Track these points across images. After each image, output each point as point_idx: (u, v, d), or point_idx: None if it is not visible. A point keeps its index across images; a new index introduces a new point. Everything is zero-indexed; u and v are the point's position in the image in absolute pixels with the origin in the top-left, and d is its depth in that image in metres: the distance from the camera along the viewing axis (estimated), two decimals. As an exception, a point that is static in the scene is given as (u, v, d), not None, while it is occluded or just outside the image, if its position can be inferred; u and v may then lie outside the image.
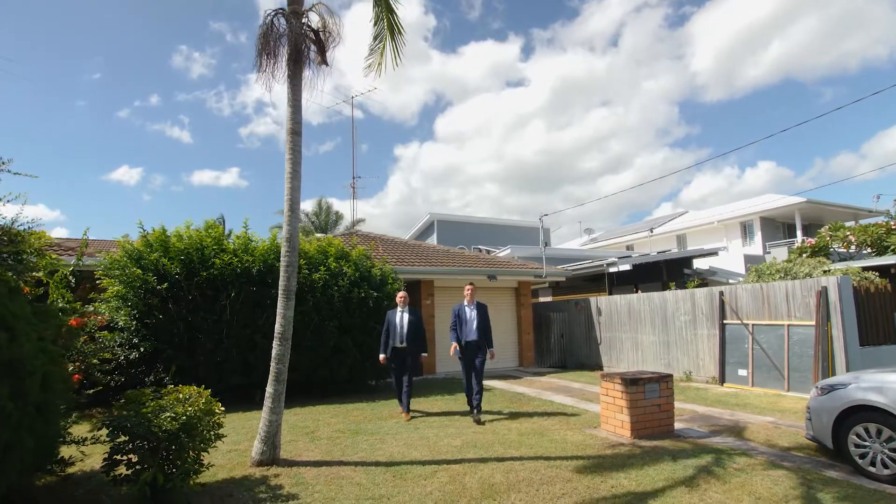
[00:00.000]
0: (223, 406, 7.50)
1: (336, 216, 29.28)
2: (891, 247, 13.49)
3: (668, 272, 15.22)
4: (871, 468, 4.33)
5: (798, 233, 20.93)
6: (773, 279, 10.66)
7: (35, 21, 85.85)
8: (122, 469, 3.70)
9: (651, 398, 5.76)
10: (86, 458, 4.65)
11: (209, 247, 7.92)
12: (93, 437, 4.22)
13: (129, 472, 3.67)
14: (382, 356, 6.97)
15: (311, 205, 29.79)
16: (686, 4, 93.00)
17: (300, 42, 4.91)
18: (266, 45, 4.93)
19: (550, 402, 7.89)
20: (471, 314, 6.86)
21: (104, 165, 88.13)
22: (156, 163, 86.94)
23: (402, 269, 11.25)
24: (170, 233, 8.09)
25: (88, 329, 7.77)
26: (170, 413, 3.56)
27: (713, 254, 16.02)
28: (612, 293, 14.80)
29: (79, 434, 4.37)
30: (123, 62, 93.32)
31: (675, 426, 5.94)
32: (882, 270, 11.08)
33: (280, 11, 5.06)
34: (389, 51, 5.88)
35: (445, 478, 4.27)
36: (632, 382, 5.65)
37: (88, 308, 8.13)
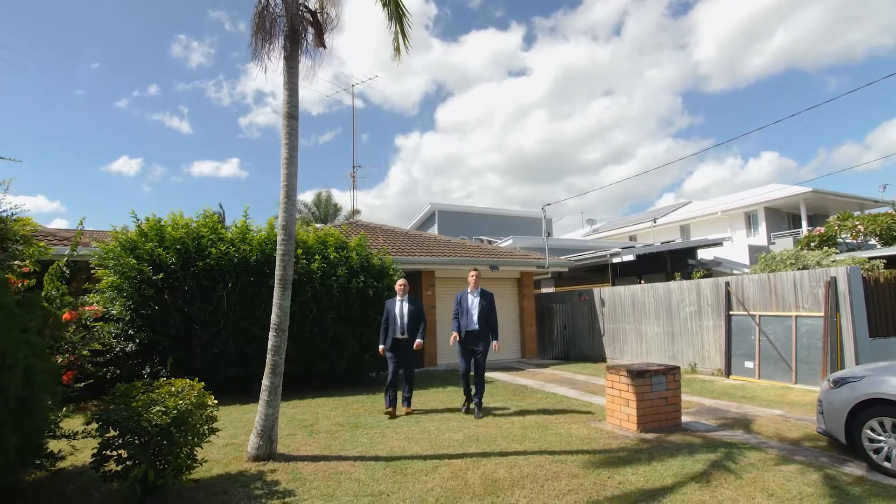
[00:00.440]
0: (220, 398, 7.45)
1: (335, 208, 29.08)
2: (899, 237, 13.30)
3: (672, 263, 15.04)
4: (887, 463, 4.19)
5: (803, 223, 20.70)
6: (785, 268, 10.49)
7: (33, 11, 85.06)
8: (113, 465, 3.58)
9: (658, 391, 5.62)
10: (78, 453, 4.51)
11: (206, 236, 7.75)
12: (84, 432, 4.10)
13: (119, 469, 3.54)
14: (382, 347, 6.70)
15: (312, 196, 29.59)
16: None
17: (297, 22, 4.70)
18: (261, 26, 4.72)
19: (554, 395, 7.76)
20: (473, 301, 6.49)
21: (104, 156, 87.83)
22: (155, 153, 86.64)
23: (403, 259, 11.10)
24: (164, 221, 7.93)
25: (84, 320, 7.67)
26: (160, 407, 3.42)
27: (717, 244, 15.82)
28: (615, 284, 14.65)
29: (72, 428, 4.24)
30: (122, 52, 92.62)
31: (682, 419, 5.80)
32: (890, 260, 10.91)
33: (276, -11, 4.84)
34: (399, 36, 5.65)
35: (447, 473, 4.14)
36: (638, 375, 5.50)
37: (84, 298, 8.02)
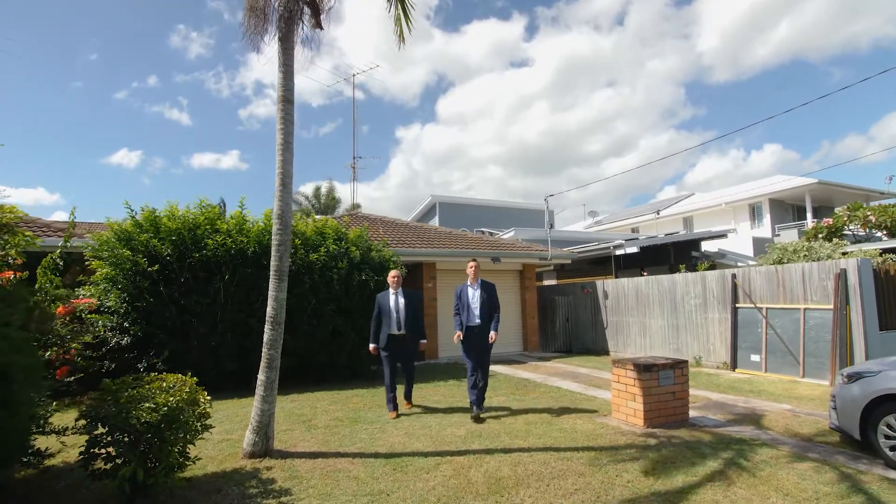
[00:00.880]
0: (218, 392, 7.35)
1: (335, 200, 28.86)
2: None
3: (676, 255, 14.86)
4: (904, 461, 4.05)
5: (808, 215, 20.49)
6: (797, 260, 10.32)
7: (31, 2, 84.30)
8: (101, 463, 3.43)
9: (665, 385, 5.47)
10: (69, 449, 4.38)
11: (202, 227, 7.58)
12: (74, 428, 3.96)
13: (108, 467, 3.40)
14: (373, 346, 6.12)
15: (313, 188, 29.38)
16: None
17: (292, 1, 4.49)
18: (254, 5, 4.52)
19: (557, 389, 7.62)
20: (474, 294, 6.05)
21: (103, 148, 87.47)
22: (155, 145, 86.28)
23: (403, 252, 10.93)
24: (160, 212, 7.75)
25: (79, 313, 7.52)
26: (150, 404, 3.26)
27: (722, 236, 15.64)
28: (618, 276, 14.48)
29: (64, 423, 4.09)
30: (120, 43, 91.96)
31: (690, 414, 5.66)
32: (899, 253, 10.71)
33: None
34: (402, 19, 5.45)
35: (449, 471, 4.00)
36: (645, 369, 5.35)
37: (79, 291, 7.87)
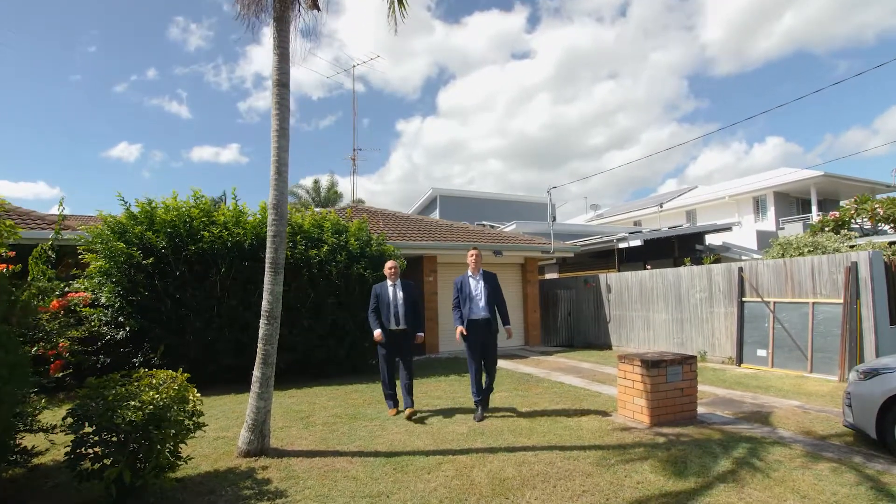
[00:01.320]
0: (214, 387, 7.22)
1: (337, 194, 28.65)
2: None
3: (680, 248, 14.67)
4: (925, 461, 3.89)
5: (813, 208, 20.26)
6: (801, 254, 10.13)
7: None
8: (88, 463, 3.29)
9: (673, 381, 5.31)
10: (60, 447, 4.23)
11: (197, 219, 7.40)
12: (63, 426, 3.82)
13: (96, 467, 3.25)
14: (378, 332, 5.66)
15: (312, 181, 29.17)
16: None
17: (286, -20, 4.29)
18: (247, -17, 4.31)
19: (560, 384, 7.48)
20: (477, 286, 5.62)
21: (103, 142, 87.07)
22: (155, 139, 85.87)
23: (404, 244, 10.77)
24: (155, 204, 7.57)
25: (73, 306, 7.35)
26: (136, 402, 3.11)
27: (727, 229, 15.44)
28: (621, 270, 14.31)
29: (55, 420, 3.94)
30: (119, 35, 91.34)
31: (698, 411, 5.52)
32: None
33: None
34: (396, 3, 5.25)
35: (451, 471, 3.85)
36: (653, 365, 5.18)
37: (74, 284, 7.70)
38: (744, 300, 9.14)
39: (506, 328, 5.64)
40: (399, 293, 5.76)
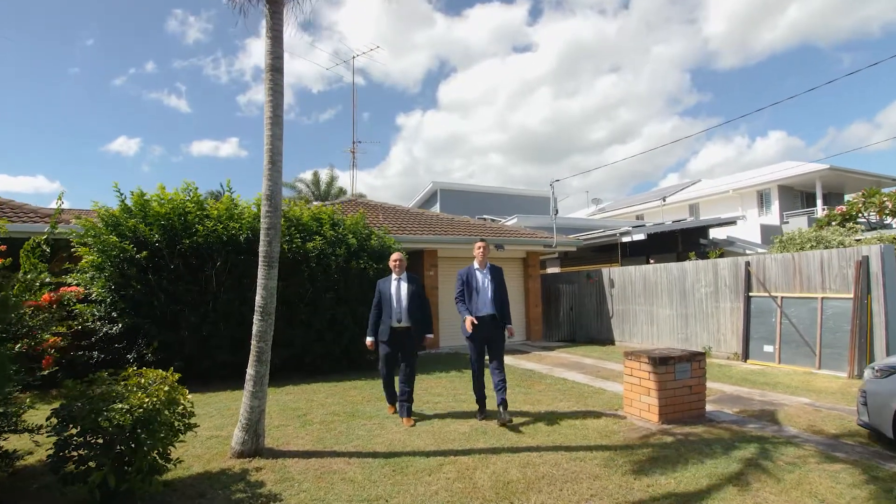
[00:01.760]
0: (210, 384, 7.07)
1: (340, 191, 28.40)
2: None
3: (684, 242, 14.50)
4: (946, 463, 3.74)
5: (818, 201, 20.06)
6: (804, 249, 9.95)
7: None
8: (73, 466, 3.13)
9: (682, 379, 5.16)
10: (47, 447, 4.09)
11: (192, 212, 7.22)
12: (48, 426, 3.67)
13: (80, 470, 3.10)
14: (370, 340, 5.31)
15: (312, 174, 28.94)
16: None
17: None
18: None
19: (564, 381, 7.33)
20: (484, 280, 5.26)
21: (102, 136, 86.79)
22: (154, 133, 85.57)
23: (404, 238, 10.59)
24: (149, 196, 7.40)
25: (65, 301, 7.19)
26: (123, 405, 2.95)
27: (731, 223, 15.26)
28: (623, 264, 14.14)
29: (40, 419, 3.79)
30: (117, 27, 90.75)
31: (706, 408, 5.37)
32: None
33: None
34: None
35: (453, 473, 3.70)
36: (661, 362, 5.03)
37: (66, 278, 7.55)
38: (750, 295, 8.97)
39: (507, 328, 5.31)
40: (403, 287, 5.31)
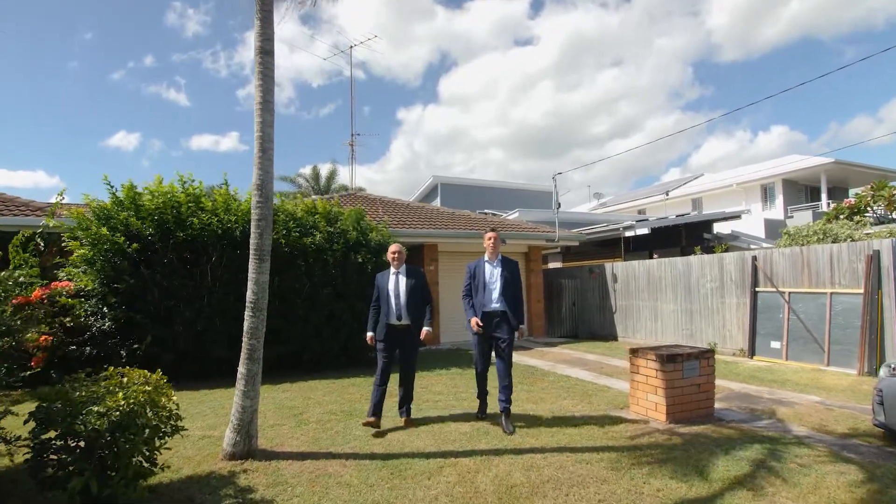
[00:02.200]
0: (205, 381, 6.90)
1: (343, 188, 28.16)
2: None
3: (687, 237, 14.29)
4: (969, 466, 3.57)
5: (823, 195, 19.82)
6: (810, 243, 9.76)
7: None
8: (52, 471, 2.97)
9: (690, 377, 4.99)
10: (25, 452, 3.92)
11: (185, 204, 7.03)
12: (27, 435, 3.50)
13: (60, 474, 2.94)
14: (370, 335, 4.91)
15: (311, 169, 28.71)
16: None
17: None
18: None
19: (567, 378, 7.16)
20: (493, 273, 4.87)
21: (102, 131, 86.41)
22: (153, 127, 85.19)
23: (404, 232, 10.41)
24: (145, 187, 7.22)
25: (56, 296, 7.03)
26: (99, 408, 2.78)
27: (736, 217, 15.04)
28: (626, 259, 13.95)
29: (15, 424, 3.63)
30: (115, 20, 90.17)
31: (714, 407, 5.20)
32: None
33: None
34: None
35: (453, 476, 3.54)
36: (668, 359, 4.85)
37: (58, 273, 7.38)
38: (757, 290, 8.79)
39: (520, 328, 4.83)
40: (402, 281, 4.85)
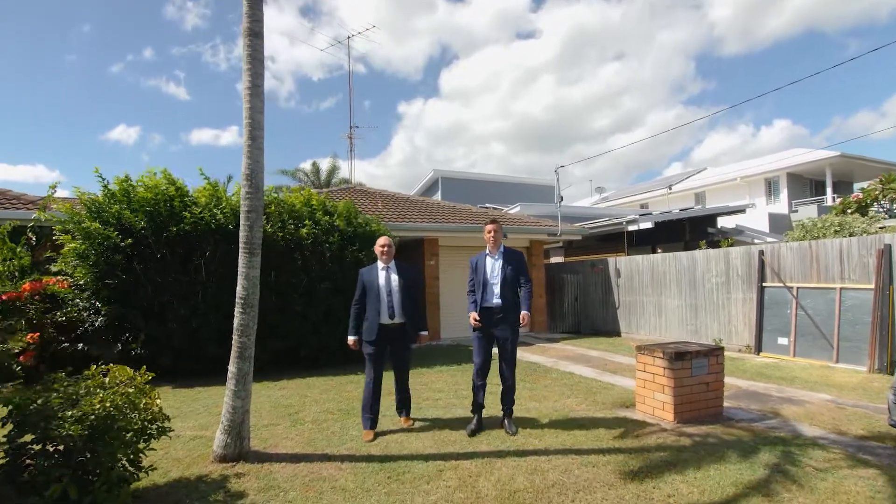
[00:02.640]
0: (200, 378, 6.74)
1: (341, 180, 27.92)
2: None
3: (691, 231, 14.10)
4: None
5: (828, 189, 19.59)
6: (826, 236, 9.57)
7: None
8: (28, 475, 2.81)
9: (699, 375, 4.82)
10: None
11: (176, 199, 6.85)
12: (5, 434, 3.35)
13: (39, 479, 2.78)
14: (352, 339, 4.48)
15: (324, 165, 28.51)
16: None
17: None
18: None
19: (570, 375, 7.00)
20: (494, 266, 4.55)
21: (101, 124, 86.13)
22: (153, 121, 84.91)
23: (404, 226, 10.23)
24: (139, 179, 7.04)
25: (48, 291, 6.86)
26: (75, 411, 2.61)
27: (740, 211, 14.83)
28: (629, 254, 13.77)
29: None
30: (113, 12, 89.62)
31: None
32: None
33: None
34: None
35: (454, 480, 3.37)
36: (677, 357, 4.68)
37: (50, 267, 7.21)
38: (764, 285, 8.60)
39: (522, 314, 4.47)
40: (394, 277, 4.52)
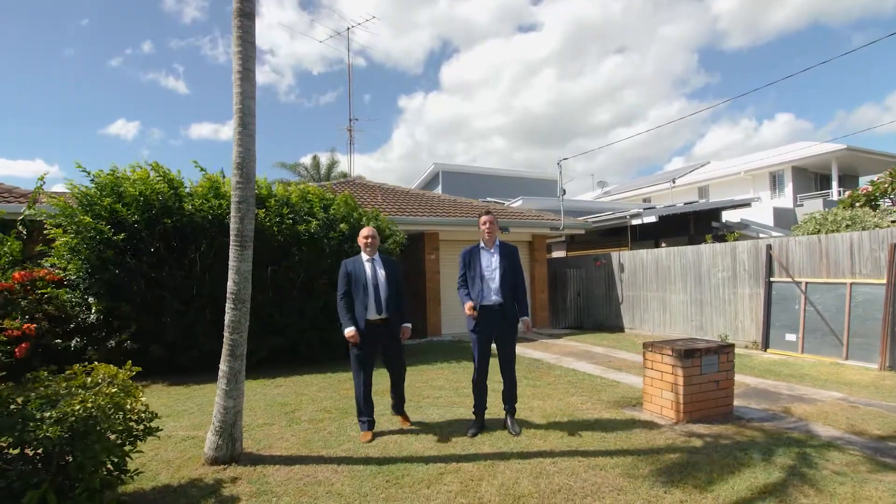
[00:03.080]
0: (195, 375, 6.59)
1: (341, 174, 27.69)
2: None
3: (696, 225, 13.92)
4: None
5: (833, 183, 19.36)
6: (838, 229, 9.38)
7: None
8: (9, 481, 2.67)
9: (708, 373, 4.67)
10: None
11: (167, 192, 6.68)
12: None
13: (17, 486, 2.64)
14: (351, 330, 4.13)
15: (311, 157, 28.29)
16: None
17: None
18: None
19: (574, 372, 6.85)
20: (491, 261, 4.27)
21: (100, 119, 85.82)
22: (152, 115, 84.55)
23: (403, 220, 10.05)
24: (132, 169, 6.89)
25: (38, 283, 6.70)
26: (54, 412, 2.46)
27: (746, 205, 14.65)
28: (633, 248, 13.59)
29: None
30: (112, 6, 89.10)
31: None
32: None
33: None
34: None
35: (455, 484, 3.22)
36: (686, 355, 4.52)
37: (42, 262, 7.06)
38: (772, 280, 8.43)
39: (522, 320, 4.31)
40: (380, 271, 4.30)
